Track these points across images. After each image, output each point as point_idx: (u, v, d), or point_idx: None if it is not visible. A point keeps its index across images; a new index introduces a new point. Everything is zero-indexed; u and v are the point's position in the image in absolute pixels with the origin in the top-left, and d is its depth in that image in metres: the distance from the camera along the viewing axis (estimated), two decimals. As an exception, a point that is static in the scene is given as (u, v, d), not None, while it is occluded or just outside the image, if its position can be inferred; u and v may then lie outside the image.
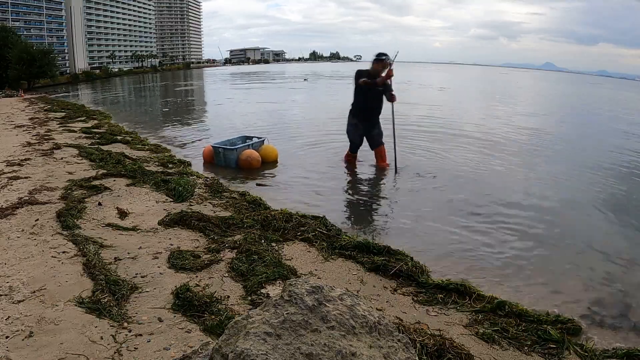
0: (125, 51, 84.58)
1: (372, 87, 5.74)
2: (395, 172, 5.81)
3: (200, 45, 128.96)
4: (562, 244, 3.70)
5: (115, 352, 2.02)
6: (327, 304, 1.23)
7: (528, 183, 5.59)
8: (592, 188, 5.49)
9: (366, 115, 5.95)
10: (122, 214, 3.93)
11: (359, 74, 5.85)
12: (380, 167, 6.06)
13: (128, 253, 3.12)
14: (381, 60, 5.75)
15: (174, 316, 2.34)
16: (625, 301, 2.79)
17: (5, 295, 2.49)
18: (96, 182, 4.91)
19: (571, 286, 2.96)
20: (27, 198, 4.28)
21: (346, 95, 6.69)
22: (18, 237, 3.36)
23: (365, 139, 6.14)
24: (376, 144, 6.08)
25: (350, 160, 6.35)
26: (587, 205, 4.81)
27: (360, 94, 5.89)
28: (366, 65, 6.13)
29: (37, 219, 3.72)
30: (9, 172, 5.35)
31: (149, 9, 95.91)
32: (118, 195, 4.49)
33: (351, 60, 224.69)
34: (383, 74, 5.69)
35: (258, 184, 5.44)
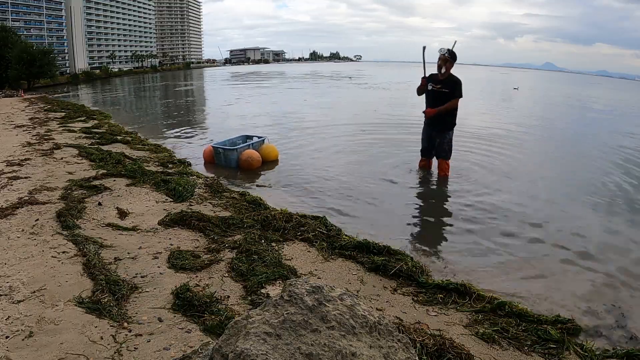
0: (125, 51, 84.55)
1: (423, 88, 5.45)
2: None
3: (200, 45, 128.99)
4: (562, 243, 3.70)
5: (115, 352, 2.02)
6: (327, 304, 1.23)
7: (530, 185, 5.58)
8: (593, 188, 5.48)
9: (428, 120, 5.56)
10: (122, 214, 3.93)
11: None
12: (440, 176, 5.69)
13: (128, 253, 3.12)
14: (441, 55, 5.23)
15: (174, 316, 2.34)
16: (626, 301, 2.79)
17: (5, 295, 2.49)
18: (96, 182, 4.91)
19: (571, 286, 2.96)
20: (27, 198, 4.28)
21: (352, 95, 6.80)
22: (18, 237, 3.36)
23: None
24: (437, 155, 5.66)
25: (421, 164, 5.96)
26: (587, 205, 4.80)
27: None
28: (366, 65, 6.11)
29: (37, 219, 3.72)
30: (9, 172, 5.35)
31: (149, 9, 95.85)
32: (118, 195, 4.49)
33: (351, 60, 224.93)
34: (442, 70, 5.23)
35: (258, 185, 5.44)
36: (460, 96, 5.28)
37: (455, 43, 5.35)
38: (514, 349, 2.17)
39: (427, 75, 5.41)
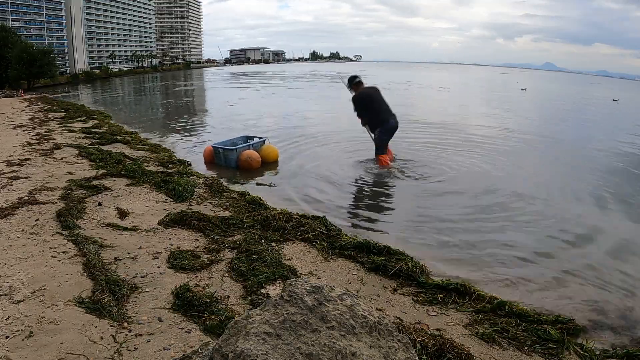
0: (125, 51, 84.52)
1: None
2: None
3: (200, 45, 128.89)
4: (562, 243, 3.70)
5: (115, 352, 2.02)
6: (327, 304, 1.23)
7: (529, 184, 5.58)
8: (593, 187, 5.48)
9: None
10: (122, 214, 3.93)
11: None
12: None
13: (128, 253, 3.12)
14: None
15: (174, 316, 2.34)
16: (626, 301, 2.79)
17: (5, 295, 2.49)
18: (96, 182, 4.91)
19: (571, 286, 2.95)
20: (27, 198, 4.28)
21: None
22: (18, 237, 3.36)
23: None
24: None
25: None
26: (587, 204, 4.80)
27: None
28: (366, 65, 6.26)
29: (37, 219, 3.72)
30: (9, 172, 5.35)
31: (149, 9, 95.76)
32: (118, 195, 4.49)
33: (351, 60, 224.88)
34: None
35: (258, 184, 5.44)
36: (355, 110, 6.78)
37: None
38: (514, 349, 2.17)
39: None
